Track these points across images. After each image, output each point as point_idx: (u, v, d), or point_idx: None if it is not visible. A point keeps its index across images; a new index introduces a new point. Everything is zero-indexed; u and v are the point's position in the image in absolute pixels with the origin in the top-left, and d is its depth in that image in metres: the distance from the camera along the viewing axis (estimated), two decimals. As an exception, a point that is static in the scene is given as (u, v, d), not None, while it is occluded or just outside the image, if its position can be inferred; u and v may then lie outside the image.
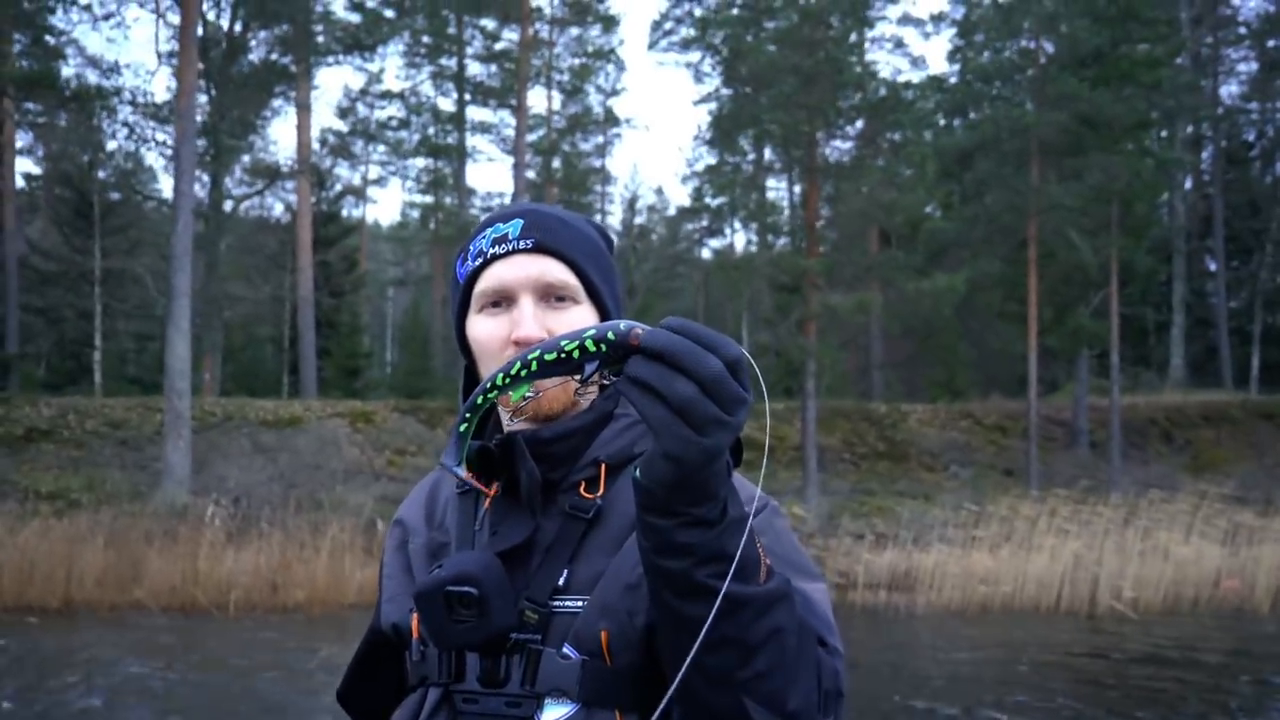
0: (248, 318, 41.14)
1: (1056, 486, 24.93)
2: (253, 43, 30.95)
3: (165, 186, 50.49)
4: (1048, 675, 13.29)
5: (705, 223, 49.07)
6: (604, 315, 1.68)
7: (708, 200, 41.09)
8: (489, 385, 1.35)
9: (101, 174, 35.66)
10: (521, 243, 1.64)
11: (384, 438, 25.38)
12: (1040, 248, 27.46)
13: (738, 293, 32.95)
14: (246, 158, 42.43)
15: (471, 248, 1.70)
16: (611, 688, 1.50)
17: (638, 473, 1.28)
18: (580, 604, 1.53)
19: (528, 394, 1.48)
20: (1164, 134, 40.04)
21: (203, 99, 28.34)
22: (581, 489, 1.61)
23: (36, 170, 45.74)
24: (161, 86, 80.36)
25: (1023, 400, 29.23)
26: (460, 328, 1.73)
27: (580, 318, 1.64)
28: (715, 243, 51.91)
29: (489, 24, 39.02)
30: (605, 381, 1.28)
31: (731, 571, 1.27)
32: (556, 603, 1.54)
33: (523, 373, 1.32)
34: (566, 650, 1.51)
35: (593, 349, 1.26)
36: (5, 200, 33.47)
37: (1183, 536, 19.93)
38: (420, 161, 45.39)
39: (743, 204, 31.14)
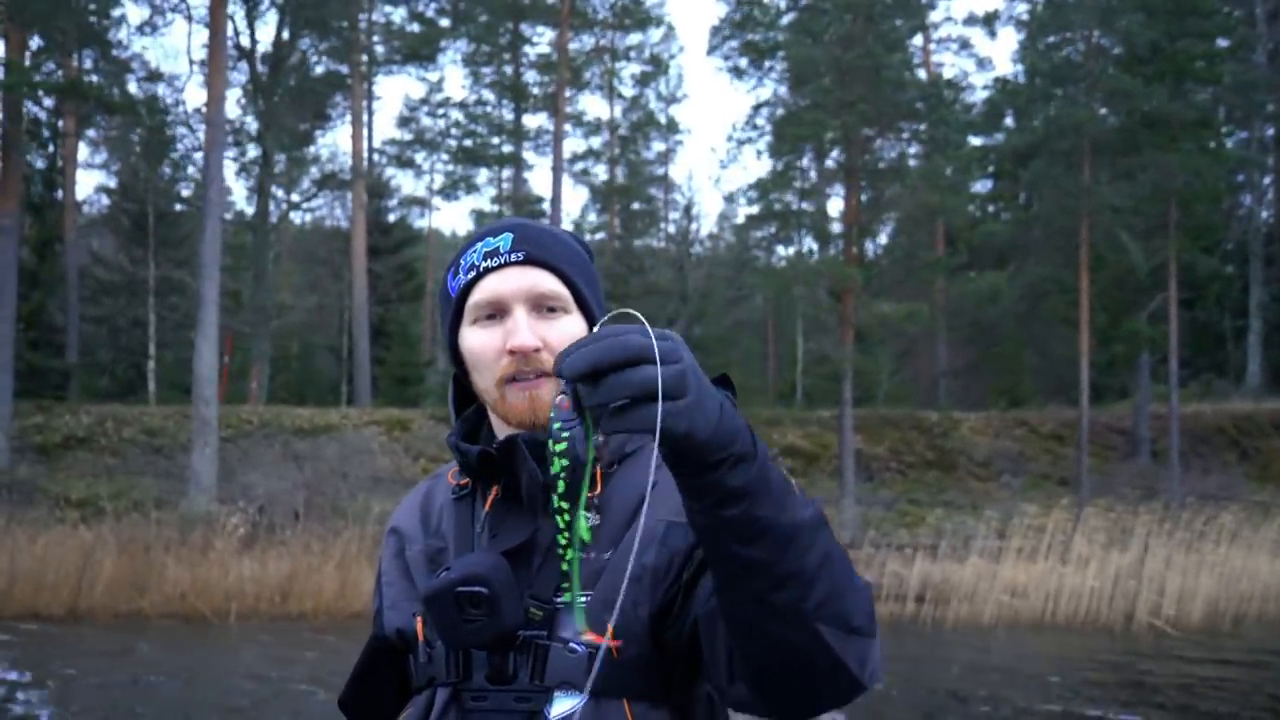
0: (304, 326, 41.34)
1: (1112, 496, 24.05)
2: (301, 53, 31.01)
3: (238, 197, 51.38)
4: (1077, 693, 12.64)
5: (774, 230, 48.40)
6: (591, 321, 1.72)
7: (768, 206, 40.49)
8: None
9: (178, 187, 36.19)
10: (513, 255, 1.70)
11: (418, 445, 25.26)
12: (1092, 250, 26.54)
13: (788, 299, 32.35)
14: (315, 169, 42.87)
15: (463, 262, 1.74)
16: (619, 677, 1.54)
17: (660, 455, 1.29)
18: (584, 599, 1.52)
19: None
20: (1244, 134, 38.79)
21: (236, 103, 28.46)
22: None
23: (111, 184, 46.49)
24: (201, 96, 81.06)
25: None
26: (453, 340, 1.76)
27: (570, 325, 1.69)
28: (784, 250, 51.30)
29: (548, 32, 38.90)
30: (606, 432, 1.27)
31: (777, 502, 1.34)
32: (560, 599, 1.58)
33: (562, 505, 1.37)
34: (573, 644, 1.56)
35: (564, 442, 1.31)
36: (66, 213, 34.08)
37: (1234, 549, 19.01)
38: (485, 173, 45.37)
39: (786, 206, 30.54)
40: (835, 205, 35.40)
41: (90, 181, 72.38)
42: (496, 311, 1.69)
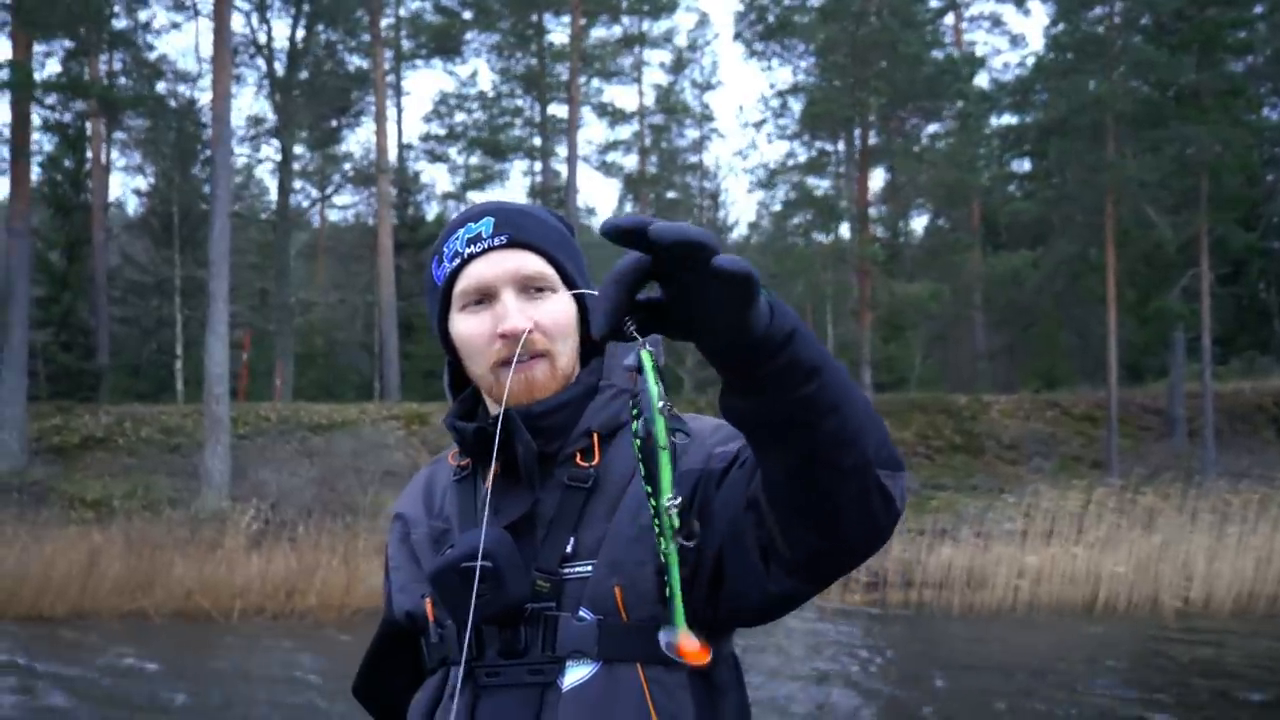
0: (330, 323, 41.38)
1: (1144, 477, 23.45)
2: (320, 48, 30.94)
3: (275, 196, 51.59)
4: (1098, 682, 12.22)
5: (809, 217, 47.85)
6: (579, 298, 1.76)
7: (804, 191, 39.96)
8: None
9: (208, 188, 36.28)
10: (496, 239, 1.71)
11: (435, 439, 25.06)
12: (1119, 226, 25.89)
13: (807, 283, 31.93)
14: (348, 165, 42.84)
15: (446, 249, 1.75)
16: (629, 642, 1.56)
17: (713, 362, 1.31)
18: (589, 568, 1.60)
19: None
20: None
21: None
22: (577, 459, 1.68)
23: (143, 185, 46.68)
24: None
25: (1120, 388, 27.67)
26: (443, 329, 1.77)
27: (558, 304, 1.72)
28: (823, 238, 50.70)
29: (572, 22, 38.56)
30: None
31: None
32: (566, 570, 1.61)
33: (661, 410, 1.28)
34: (582, 613, 1.58)
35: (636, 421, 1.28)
36: (94, 215, 34.22)
37: (1268, 529, 18.35)
38: (520, 165, 45.12)
39: (809, 191, 30.15)
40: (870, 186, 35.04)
41: (128, 184, 73.01)
42: (484, 297, 1.70)
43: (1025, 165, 38.00)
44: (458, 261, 1.72)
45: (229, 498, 21.26)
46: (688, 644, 1.29)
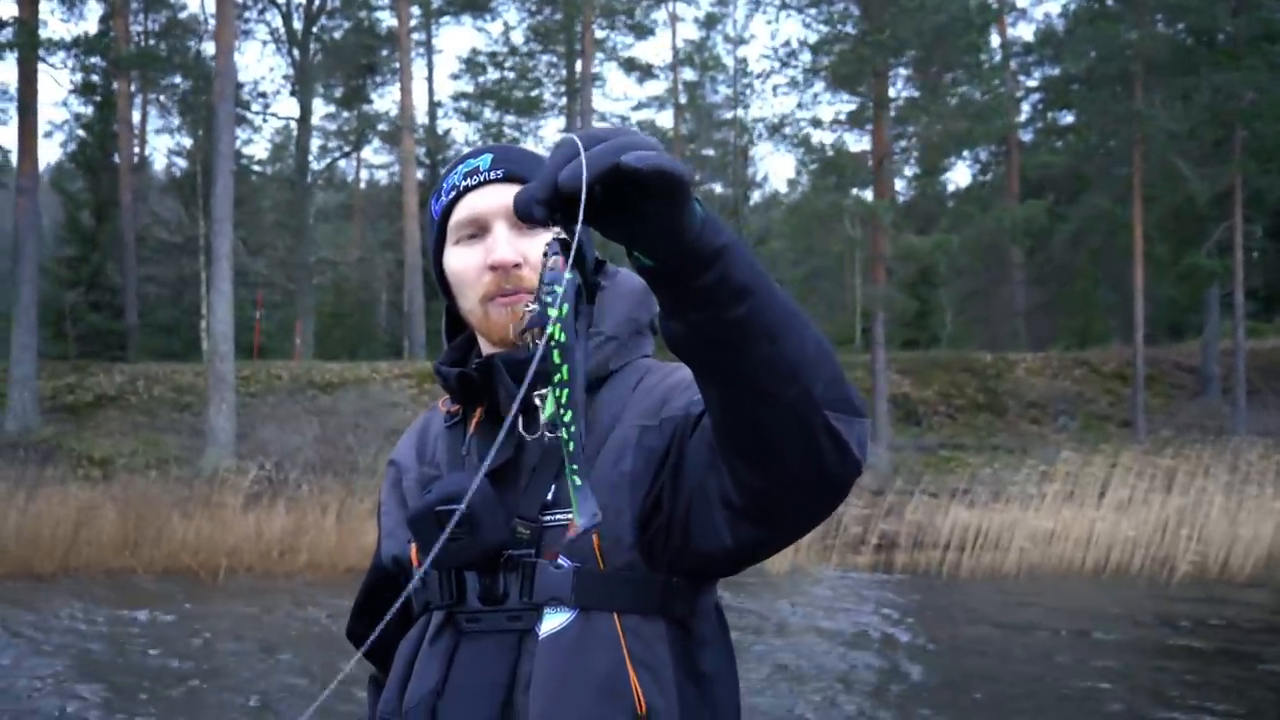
0: (361, 283, 41.37)
1: (1173, 436, 22.77)
2: (338, 5, 30.70)
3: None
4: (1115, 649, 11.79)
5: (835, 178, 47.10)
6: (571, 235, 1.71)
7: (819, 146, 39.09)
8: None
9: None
10: (492, 173, 1.71)
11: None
12: (1147, 179, 25.06)
13: (804, 237, 31.44)
14: (383, 124, 42.64)
15: (445, 184, 1.76)
16: (606, 591, 1.56)
17: (643, 260, 1.27)
18: (569, 515, 1.50)
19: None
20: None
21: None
22: None
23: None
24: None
25: (1156, 346, 26.96)
26: (439, 265, 1.77)
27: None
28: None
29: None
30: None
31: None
32: (547, 517, 1.60)
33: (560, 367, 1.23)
34: (560, 560, 1.57)
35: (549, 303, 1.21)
36: (122, 176, 34.27)
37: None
38: (557, 122, 44.62)
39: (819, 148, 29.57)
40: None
41: (155, 144, 73.63)
42: (478, 230, 1.70)
43: (1068, 118, 37.19)
44: (454, 194, 1.72)
45: (234, 456, 21.14)
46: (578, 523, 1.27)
